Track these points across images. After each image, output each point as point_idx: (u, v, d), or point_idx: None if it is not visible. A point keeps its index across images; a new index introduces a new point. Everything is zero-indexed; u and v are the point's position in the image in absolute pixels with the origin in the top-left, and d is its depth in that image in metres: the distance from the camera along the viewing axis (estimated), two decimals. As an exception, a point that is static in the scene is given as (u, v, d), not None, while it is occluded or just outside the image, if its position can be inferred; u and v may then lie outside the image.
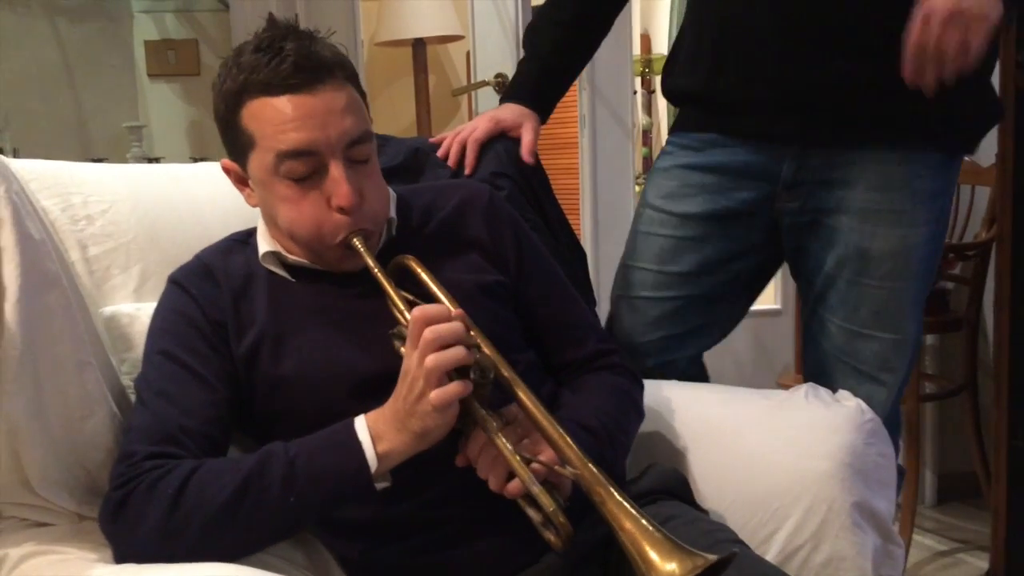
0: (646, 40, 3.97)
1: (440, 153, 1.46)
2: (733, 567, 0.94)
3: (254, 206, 1.11)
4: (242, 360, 1.05)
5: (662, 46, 3.96)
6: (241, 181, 1.11)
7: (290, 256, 1.10)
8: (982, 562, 1.80)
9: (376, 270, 1.03)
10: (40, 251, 1.00)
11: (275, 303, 1.09)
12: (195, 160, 2.25)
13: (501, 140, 1.46)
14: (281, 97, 1.00)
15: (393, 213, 1.14)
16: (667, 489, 1.11)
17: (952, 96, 1.30)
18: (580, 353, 1.18)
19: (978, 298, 2.33)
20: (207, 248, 1.16)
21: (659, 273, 1.46)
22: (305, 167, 1.01)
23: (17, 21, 2.28)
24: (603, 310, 1.52)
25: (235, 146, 1.07)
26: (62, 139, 2.47)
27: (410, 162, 1.44)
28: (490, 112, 1.49)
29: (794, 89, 1.33)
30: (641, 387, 1.20)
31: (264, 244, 1.12)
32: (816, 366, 1.45)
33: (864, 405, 1.18)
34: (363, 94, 1.08)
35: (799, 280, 1.49)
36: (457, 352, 0.91)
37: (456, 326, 0.92)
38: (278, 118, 1.00)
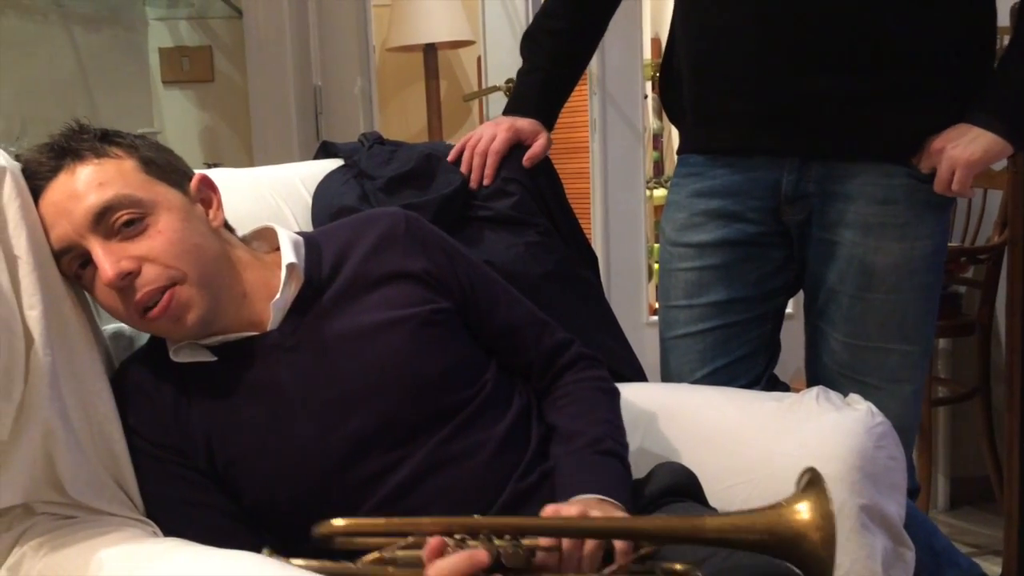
0: (656, 44, 3.96)
1: (462, 167, 1.45)
2: (743, 566, 0.95)
3: None
4: (203, 463, 1.04)
5: (673, 51, 3.93)
6: None
7: (200, 341, 1.04)
8: (995, 567, 1.79)
9: None
10: (54, 261, 1.01)
11: (205, 399, 1.04)
12: (208, 166, 2.26)
13: (517, 147, 1.47)
14: (45, 192, 1.00)
15: (296, 259, 1.07)
16: (677, 488, 1.11)
17: (945, 109, 1.31)
18: (539, 349, 1.17)
19: (990, 302, 2.32)
20: (130, 358, 1.09)
21: (691, 308, 1.46)
22: (75, 261, 1.00)
23: (33, 29, 2.30)
24: (620, 319, 1.51)
25: None
26: (77, 146, 2.48)
27: (422, 167, 1.45)
28: (507, 120, 1.49)
29: (776, 102, 1.34)
30: (607, 370, 1.21)
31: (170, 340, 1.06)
32: (817, 380, 1.44)
33: (875, 408, 1.18)
34: (148, 160, 1.03)
35: (804, 292, 1.49)
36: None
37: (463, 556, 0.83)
38: (44, 216, 1.00)
